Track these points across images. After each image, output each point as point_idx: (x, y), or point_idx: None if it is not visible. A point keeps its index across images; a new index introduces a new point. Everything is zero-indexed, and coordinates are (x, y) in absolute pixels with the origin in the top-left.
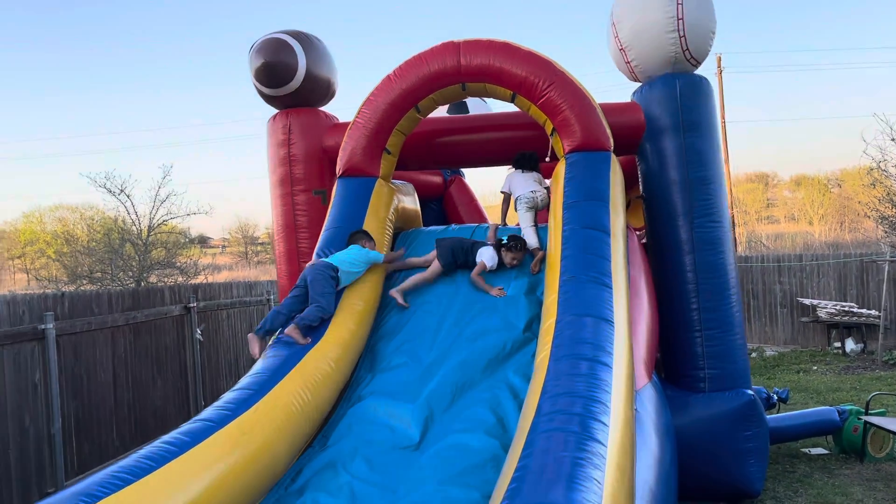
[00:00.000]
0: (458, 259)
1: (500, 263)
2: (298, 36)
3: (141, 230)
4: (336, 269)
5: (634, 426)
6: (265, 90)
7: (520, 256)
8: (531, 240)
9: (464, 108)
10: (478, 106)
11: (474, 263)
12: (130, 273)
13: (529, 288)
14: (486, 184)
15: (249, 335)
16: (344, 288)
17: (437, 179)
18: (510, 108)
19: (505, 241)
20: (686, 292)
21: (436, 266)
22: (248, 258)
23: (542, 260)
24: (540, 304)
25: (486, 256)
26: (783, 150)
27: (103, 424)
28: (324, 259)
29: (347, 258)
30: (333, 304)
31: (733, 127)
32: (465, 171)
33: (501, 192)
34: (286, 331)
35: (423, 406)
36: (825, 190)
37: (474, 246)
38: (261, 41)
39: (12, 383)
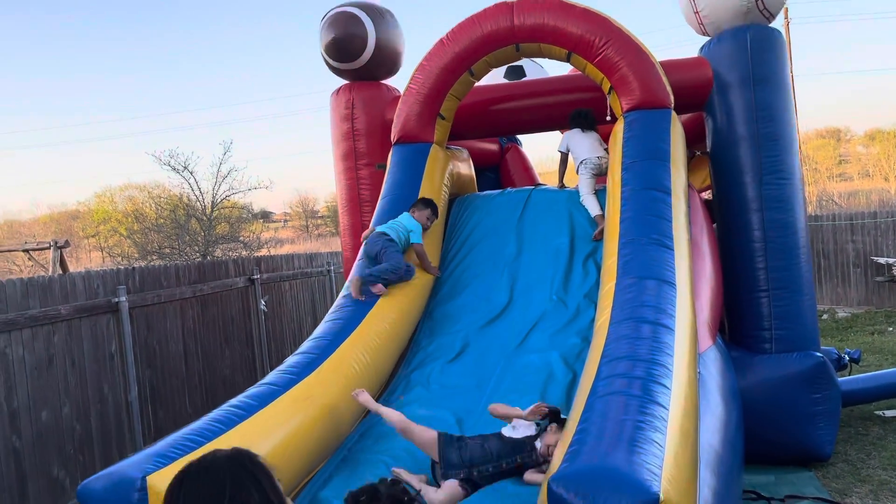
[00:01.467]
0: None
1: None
2: (368, 9)
3: (205, 206)
4: (386, 234)
5: (697, 389)
6: (335, 64)
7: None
8: (593, 208)
9: (521, 72)
10: (534, 69)
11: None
12: (196, 248)
13: (590, 252)
14: (542, 150)
15: (354, 277)
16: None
17: (493, 147)
18: (566, 70)
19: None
20: (753, 251)
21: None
22: (308, 231)
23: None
24: (599, 268)
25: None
26: (856, 103)
27: (176, 393)
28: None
29: (393, 225)
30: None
31: (802, 81)
32: (521, 138)
33: (559, 152)
34: (373, 289)
35: (481, 367)
36: None
37: (508, 448)
38: (331, 15)
39: (91, 354)
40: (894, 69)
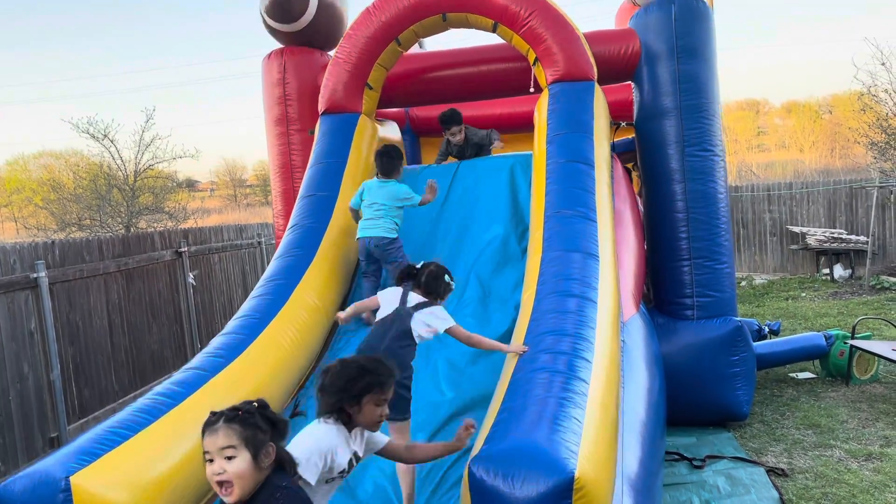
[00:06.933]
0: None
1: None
2: None
3: (127, 175)
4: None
5: (620, 360)
6: (274, 24)
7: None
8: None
9: None
10: None
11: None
12: (119, 219)
13: (518, 228)
14: None
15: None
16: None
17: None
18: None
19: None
20: (676, 221)
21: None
22: (237, 201)
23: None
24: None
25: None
26: (775, 76)
27: (102, 369)
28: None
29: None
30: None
31: (724, 54)
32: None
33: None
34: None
35: None
36: (816, 117)
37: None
38: None
39: (7, 332)
40: (812, 43)
